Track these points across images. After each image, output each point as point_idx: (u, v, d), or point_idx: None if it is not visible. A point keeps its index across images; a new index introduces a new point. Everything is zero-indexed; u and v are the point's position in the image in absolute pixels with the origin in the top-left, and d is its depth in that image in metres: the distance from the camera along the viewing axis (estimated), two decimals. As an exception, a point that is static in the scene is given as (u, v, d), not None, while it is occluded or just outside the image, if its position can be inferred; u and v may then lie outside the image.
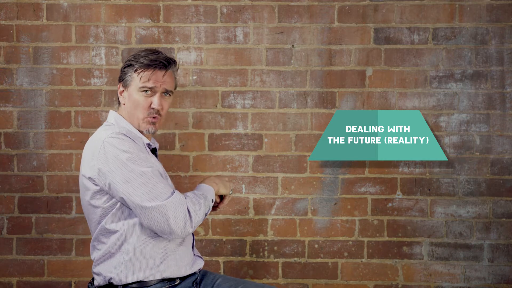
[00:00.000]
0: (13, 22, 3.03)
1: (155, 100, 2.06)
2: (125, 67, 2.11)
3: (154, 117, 2.07)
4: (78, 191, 3.03)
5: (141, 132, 2.13)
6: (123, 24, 3.04)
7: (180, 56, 3.03)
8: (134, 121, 2.10)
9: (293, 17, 3.03)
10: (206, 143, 3.02)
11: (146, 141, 2.12)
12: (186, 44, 3.03)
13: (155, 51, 2.12)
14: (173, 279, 2.03)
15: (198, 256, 2.17)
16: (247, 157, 3.04)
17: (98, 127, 3.02)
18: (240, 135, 3.04)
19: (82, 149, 3.02)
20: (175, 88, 2.19)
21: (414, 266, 3.04)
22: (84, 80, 3.04)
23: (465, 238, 3.03)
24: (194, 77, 3.04)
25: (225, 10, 3.04)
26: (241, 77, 3.04)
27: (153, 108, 2.06)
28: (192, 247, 2.14)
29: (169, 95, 2.12)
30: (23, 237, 3.04)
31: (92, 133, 3.01)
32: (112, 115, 2.13)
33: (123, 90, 2.12)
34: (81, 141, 3.02)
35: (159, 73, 2.06)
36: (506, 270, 3.03)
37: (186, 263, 2.07)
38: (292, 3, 3.02)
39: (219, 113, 3.04)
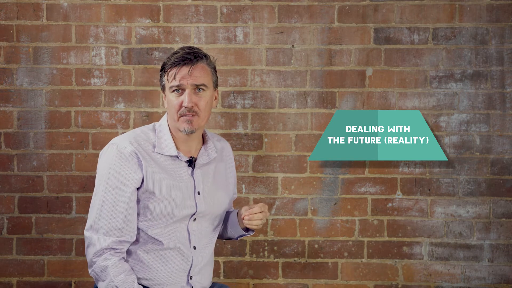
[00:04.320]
0: (13, 22, 3.04)
1: (185, 98, 1.95)
2: (160, 71, 2.04)
3: (190, 116, 1.97)
4: (78, 191, 3.03)
5: (177, 138, 2.03)
6: (123, 24, 3.04)
7: (180, 56, 3.03)
8: (173, 124, 2.01)
9: (293, 17, 3.03)
10: (206, 143, 3.02)
11: (173, 153, 2.01)
12: (186, 44, 3.03)
13: (187, 47, 2.02)
14: None
15: (191, 285, 2.05)
16: (247, 157, 3.04)
17: (98, 127, 3.03)
18: (240, 135, 3.04)
19: (82, 149, 3.03)
20: (216, 85, 2.07)
21: (414, 266, 3.04)
22: (84, 80, 3.04)
23: (465, 238, 3.04)
24: (194, 77, 3.03)
25: (225, 10, 3.04)
26: (241, 77, 3.04)
27: (185, 107, 1.96)
28: (189, 273, 2.04)
29: (203, 89, 1.99)
30: (23, 237, 3.04)
31: (92, 133, 3.02)
32: (161, 120, 2.08)
33: (164, 95, 2.04)
34: (81, 141, 3.03)
35: (185, 69, 1.95)
36: (506, 270, 3.03)
37: (169, 284, 2.02)
38: (292, 3, 3.02)
39: (219, 113, 3.04)
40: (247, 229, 2.19)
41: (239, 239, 2.25)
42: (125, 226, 1.94)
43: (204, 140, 2.12)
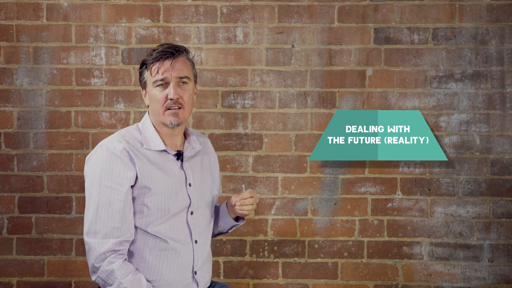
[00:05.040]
0: (13, 22, 3.04)
1: (171, 90, 1.98)
2: (140, 68, 2.05)
3: (176, 108, 1.99)
4: (78, 191, 3.03)
5: (162, 133, 2.04)
6: (123, 24, 3.04)
7: (180, 56, 3.03)
8: (157, 119, 2.03)
9: (293, 17, 3.03)
10: (206, 143, 3.03)
11: (161, 147, 2.03)
12: (186, 44, 3.03)
13: (164, 44, 2.05)
14: None
15: (196, 280, 2.06)
16: (247, 157, 3.04)
17: (98, 127, 3.03)
18: (240, 135, 3.04)
19: (82, 149, 3.03)
20: (195, 77, 2.09)
21: (414, 266, 3.04)
22: (84, 80, 3.04)
23: (465, 238, 3.04)
24: (194, 77, 3.04)
25: (225, 10, 3.04)
26: (241, 77, 3.04)
27: (171, 99, 1.98)
28: (193, 269, 2.05)
29: (186, 82, 2.01)
30: (23, 237, 3.04)
31: (92, 133, 3.02)
32: (143, 119, 2.09)
33: (145, 93, 2.06)
34: (81, 141, 3.03)
35: (167, 63, 1.98)
36: (506, 270, 3.03)
37: (174, 284, 2.01)
38: (292, 3, 3.02)
39: (219, 113, 3.04)
40: (236, 219, 2.21)
41: (230, 231, 2.27)
42: (123, 225, 1.94)
43: (186, 135, 2.14)
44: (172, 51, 2.00)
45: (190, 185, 2.06)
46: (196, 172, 2.11)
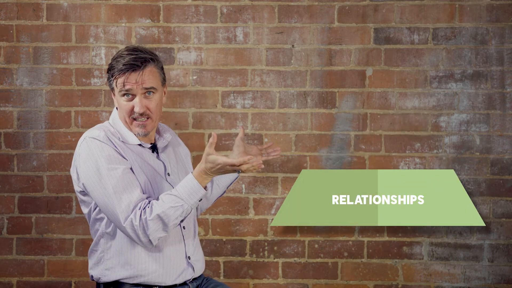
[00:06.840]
0: (13, 22, 3.04)
1: (137, 103, 1.98)
2: (108, 71, 2.04)
3: (142, 120, 2.00)
4: (78, 191, 3.03)
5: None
6: (123, 24, 3.04)
7: (180, 56, 3.03)
8: (126, 124, 2.05)
9: (293, 17, 3.03)
10: (206, 143, 3.02)
11: (136, 142, 2.04)
12: (186, 44, 3.03)
13: (132, 50, 2.00)
14: (153, 286, 2.02)
15: (191, 265, 2.09)
16: (247, 157, 3.03)
17: (98, 127, 3.03)
18: (240, 135, 3.03)
19: (82, 149, 3.03)
20: (164, 82, 2.08)
21: (414, 266, 3.04)
22: (84, 80, 3.04)
23: (465, 238, 3.03)
24: (194, 77, 3.04)
25: (225, 10, 3.04)
26: (241, 77, 3.04)
27: (136, 112, 1.99)
28: (186, 254, 2.07)
29: (153, 92, 2.00)
30: (23, 237, 3.04)
31: (92, 133, 3.02)
32: (112, 115, 2.10)
33: (113, 94, 2.06)
34: (81, 141, 3.02)
35: (133, 76, 1.96)
36: (506, 270, 3.03)
37: (171, 272, 2.02)
38: (292, 3, 3.02)
39: (219, 113, 3.04)
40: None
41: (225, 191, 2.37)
42: (142, 192, 1.96)
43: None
44: (139, 64, 1.97)
45: (168, 174, 2.09)
46: (172, 162, 2.13)
